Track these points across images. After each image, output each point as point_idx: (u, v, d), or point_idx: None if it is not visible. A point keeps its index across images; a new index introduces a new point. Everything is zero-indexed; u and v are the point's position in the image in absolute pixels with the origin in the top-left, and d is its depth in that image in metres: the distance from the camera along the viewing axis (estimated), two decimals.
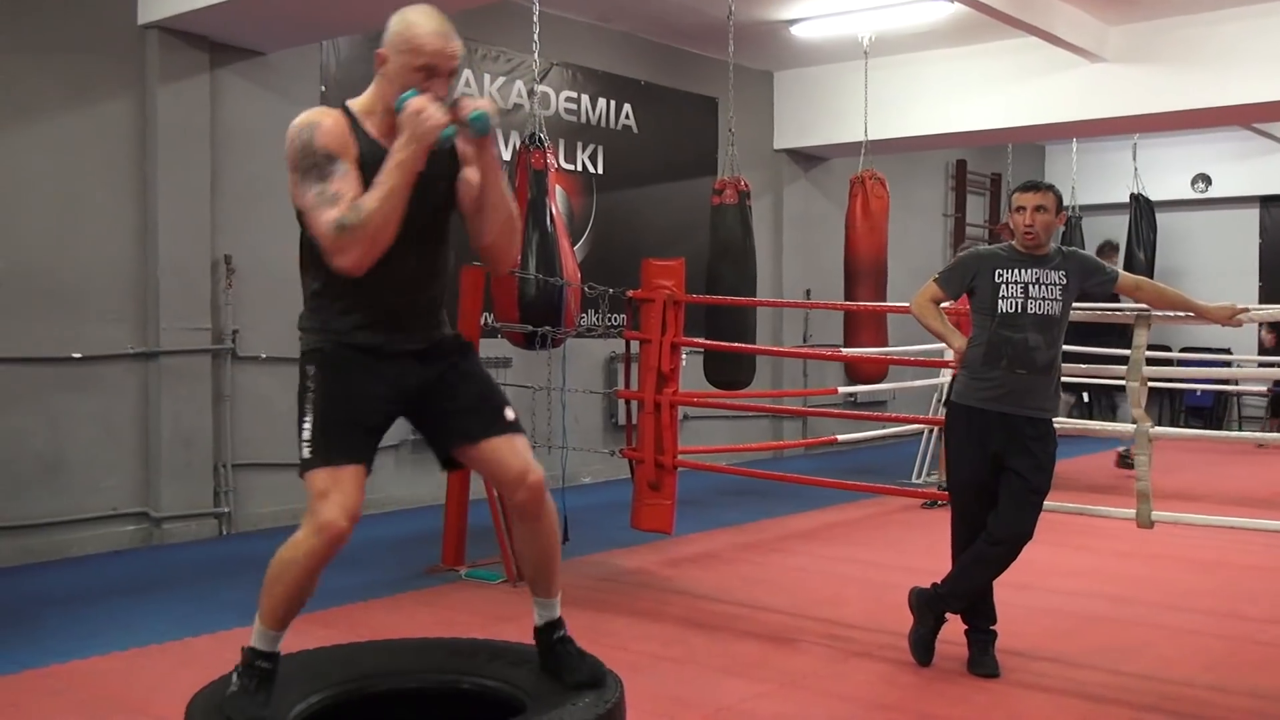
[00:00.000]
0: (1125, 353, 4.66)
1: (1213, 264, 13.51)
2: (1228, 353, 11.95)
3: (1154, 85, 8.58)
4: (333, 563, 3.11)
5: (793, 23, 8.95)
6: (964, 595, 4.15)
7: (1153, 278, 10.20)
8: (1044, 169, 14.56)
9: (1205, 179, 13.68)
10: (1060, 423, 4.36)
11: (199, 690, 3.10)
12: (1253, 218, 13.74)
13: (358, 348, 3.03)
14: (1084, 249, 7.27)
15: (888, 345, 9.07)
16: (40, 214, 6.09)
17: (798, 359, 10.71)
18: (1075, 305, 4.19)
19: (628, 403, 5.91)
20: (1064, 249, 4.16)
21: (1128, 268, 11.83)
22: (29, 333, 6.03)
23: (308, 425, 2.99)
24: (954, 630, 4.23)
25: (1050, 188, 4.11)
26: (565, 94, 8.81)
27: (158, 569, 5.95)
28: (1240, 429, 13.17)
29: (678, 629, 4.71)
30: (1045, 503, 4.08)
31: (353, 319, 3.03)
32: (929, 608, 4.21)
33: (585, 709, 2.93)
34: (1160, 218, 13.02)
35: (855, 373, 9.06)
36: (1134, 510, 4.61)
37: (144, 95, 6.46)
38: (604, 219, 9.05)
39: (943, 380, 8.64)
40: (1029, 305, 4.01)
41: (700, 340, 6.98)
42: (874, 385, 9.40)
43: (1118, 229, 12.91)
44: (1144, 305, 4.44)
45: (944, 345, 4.50)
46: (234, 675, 3.06)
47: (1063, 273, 4.06)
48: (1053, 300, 4.02)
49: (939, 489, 6.75)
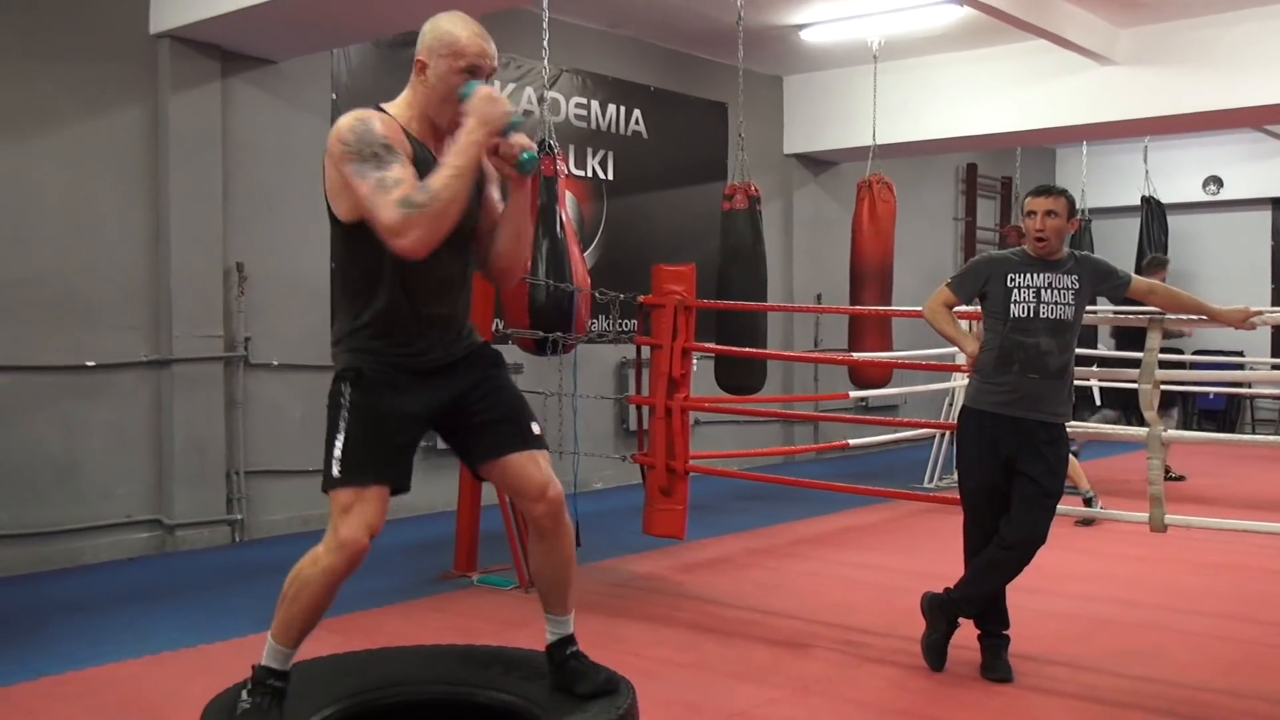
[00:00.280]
0: (1138, 355, 4.64)
1: (1225, 266, 13.46)
2: (1240, 355, 11.92)
3: (1164, 87, 8.56)
4: None
5: (802, 27, 8.95)
6: (977, 600, 4.15)
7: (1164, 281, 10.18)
8: (1054, 172, 14.53)
9: (1217, 181, 13.63)
10: (1073, 427, 4.35)
11: (213, 697, 3.11)
12: (1265, 220, 13.70)
13: (395, 365, 3.03)
14: (1095, 253, 7.24)
15: (892, 349, 9.06)
16: (53, 223, 6.12)
17: (809, 364, 10.70)
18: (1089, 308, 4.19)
19: (639, 408, 5.92)
20: (1076, 253, 4.16)
21: (1139, 271, 11.83)
22: (43, 341, 6.06)
23: (339, 444, 2.98)
24: (967, 635, 4.23)
25: (1062, 192, 4.11)
26: (575, 100, 8.83)
27: (171, 576, 5.97)
28: (1253, 432, 13.13)
29: (690, 634, 4.71)
30: (1058, 506, 4.08)
31: (390, 332, 3.03)
32: (941, 612, 4.21)
33: (598, 715, 2.94)
34: (1172, 220, 12.97)
35: (860, 377, 9.06)
36: (1147, 514, 4.60)
37: (156, 104, 6.49)
38: (614, 225, 9.06)
39: (954, 384, 8.65)
40: (1041, 310, 4.00)
41: (711, 345, 6.98)
42: (885, 390, 9.39)
43: (1129, 232, 12.88)
44: (1157, 308, 4.43)
45: (955, 349, 4.50)
46: (243, 692, 3.06)
47: (1075, 277, 4.05)
48: (1065, 305, 4.02)
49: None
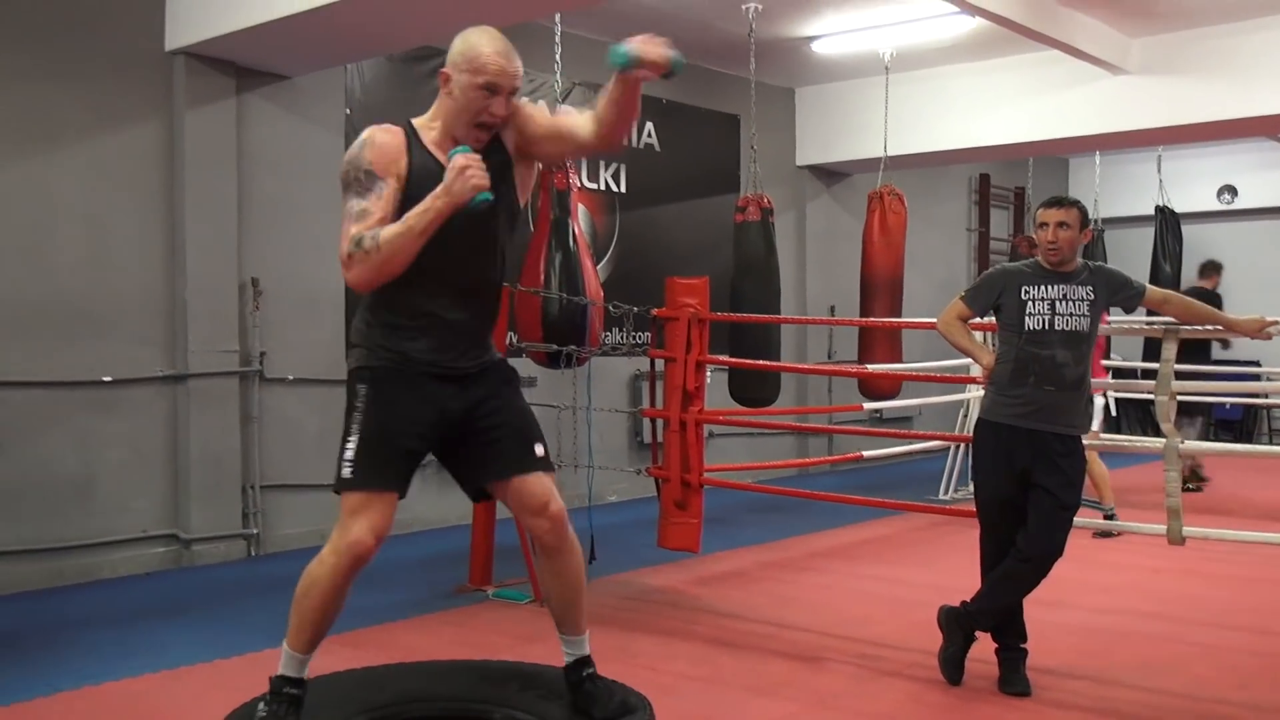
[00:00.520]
0: (1154, 366, 4.63)
1: (1240, 276, 13.36)
2: (1257, 365, 11.85)
3: (1177, 97, 8.54)
4: (361, 583, 3.13)
5: (814, 40, 8.96)
6: (994, 613, 4.13)
7: (1179, 291, 10.16)
8: (1067, 182, 14.50)
9: (1231, 190, 13.58)
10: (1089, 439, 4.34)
11: (230, 712, 3.12)
12: None
13: (408, 368, 3.05)
14: (1108, 263, 7.22)
15: (902, 361, 9.05)
16: (70, 238, 6.15)
17: (823, 375, 10.69)
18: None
19: (653, 421, 5.92)
20: (1090, 264, 4.15)
21: (1153, 281, 11.79)
22: (60, 356, 6.09)
23: (351, 445, 3.01)
24: (984, 648, 4.21)
25: (1074, 203, 4.09)
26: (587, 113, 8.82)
27: (187, 590, 5.98)
28: (1270, 442, 13.05)
29: (705, 648, 4.69)
30: (1075, 519, 4.06)
31: (401, 338, 3.05)
32: (958, 626, 4.19)
33: None
34: (1186, 230, 12.92)
35: (870, 388, 9.04)
36: (1164, 526, 4.58)
37: (171, 120, 6.52)
38: (627, 237, 9.06)
39: (969, 396, 8.62)
40: (1056, 322, 3.99)
41: (725, 358, 6.98)
42: (899, 401, 9.37)
43: (1143, 242, 12.84)
44: (1172, 319, 4.42)
45: (970, 361, 4.49)
46: (260, 703, 3.07)
47: (1090, 288, 4.04)
48: (1080, 316, 4.01)
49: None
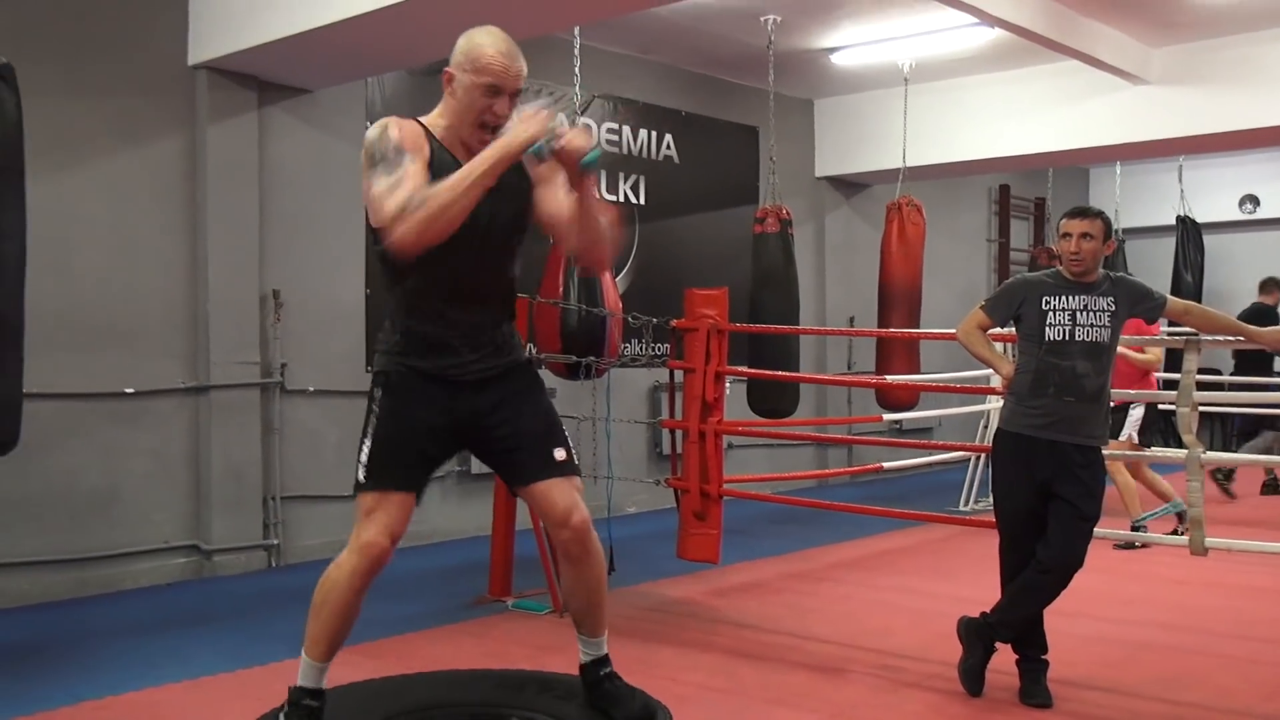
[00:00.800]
0: (1175, 377, 4.61)
1: None
2: None
3: (1198, 107, 8.51)
4: (381, 594, 3.15)
5: (833, 51, 8.97)
6: (1014, 624, 4.11)
7: (1200, 301, 10.11)
8: (1088, 192, 14.44)
9: (1253, 200, 13.49)
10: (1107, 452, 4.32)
11: None
12: None
13: (425, 373, 3.07)
14: (1129, 273, 7.19)
15: (920, 372, 9.02)
16: (93, 252, 6.20)
17: (842, 386, 10.67)
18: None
19: (672, 432, 5.92)
20: (1111, 275, 4.13)
21: (1175, 291, 11.74)
22: (83, 368, 6.13)
23: (365, 448, 3.04)
24: (1005, 660, 4.19)
25: (1098, 214, 4.07)
26: (607, 125, 8.87)
27: (209, 601, 6.01)
28: None
29: (725, 659, 4.69)
30: (1096, 530, 4.05)
31: (417, 339, 3.08)
32: (979, 637, 4.18)
33: None
34: (1207, 240, 12.87)
35: (887, 399, 9.02)
36: (1187, 537, 4.56)
37: (194, 134, 6.57)
38: (646, 249, 9.08)
39: (989, 407, 8.59)
40: (1077, 332, 3.98)
41: (744, 369, 6.98)
42: (919, 412, 9.35)
43: (1164, 252, 12.78)
44: (1193, 330, 4.40)
45: (989, 371, 4.47)
46: (280, 715, 3.08)
47: (1111, 299, 4.03)
48: (1101, 327, 3.99)
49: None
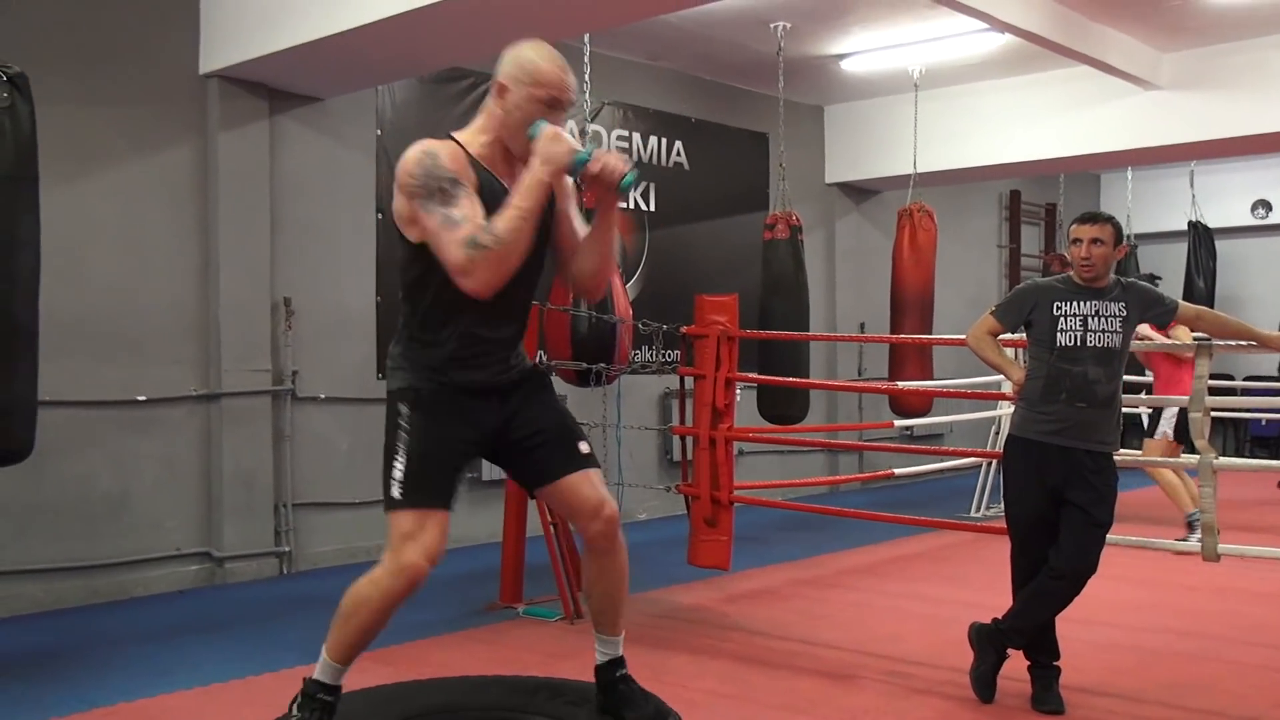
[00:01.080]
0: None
1: (1275, 291, 13.27)
2: None
3: (1210, 112, 8.50)
4: None
5: (842, 58, 8.97)
6: (1026, 630, 4.10)
7: (1213, 306, 10.07)
8: (1099, 198, 14.42)
9: (1265, 205, 13.45)
10: (1121, 455, 4.30)
11: None
12: None
13: (452, 386, 3.07)
14: (1141, 279, 7.17)
15: (933, 378, 9.00)
16: (105, 260, 6.23)
17: (853, 393, 10.66)
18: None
19: (683, 439, 5.91)
20: (1123, 280, 4.12)
21: (1187, 296, 11.70)
22: (95, 376, 6.15)
23: (399, 465, 3.01)
24: (1016, 666, 4.18)
25: (1109, 220, 4.06)
26: (617, 132, 8.88)
27: (220, 608, 6.02)
28: None
29: (736, 666, 4.68)
30: (1108, 536, 4.03)
31: (446, 355, 3.07)
32: (990, 643, 4.16)
33: None
34: (1220, 245, 12.84)
35: (901, 405, 9.01)
36: (1199, 543, 4.54)
37: (205, 142, 6.60)
38: (657, 256, 9.08)
39: (1000, 413, 8.57)
40: (1088, 338, 3.97)
41: (754, 375, 6.97)
42: (930, 418, 9.33)
43: (1176, 257, 12.75)
44: (1206, 335, 4.39)
45: (1001, 377, 4.46)
46: (293, 707, 3.08)
47: (1122, 304, 4.02)
48: (1112, 332, 3.98)
49: None
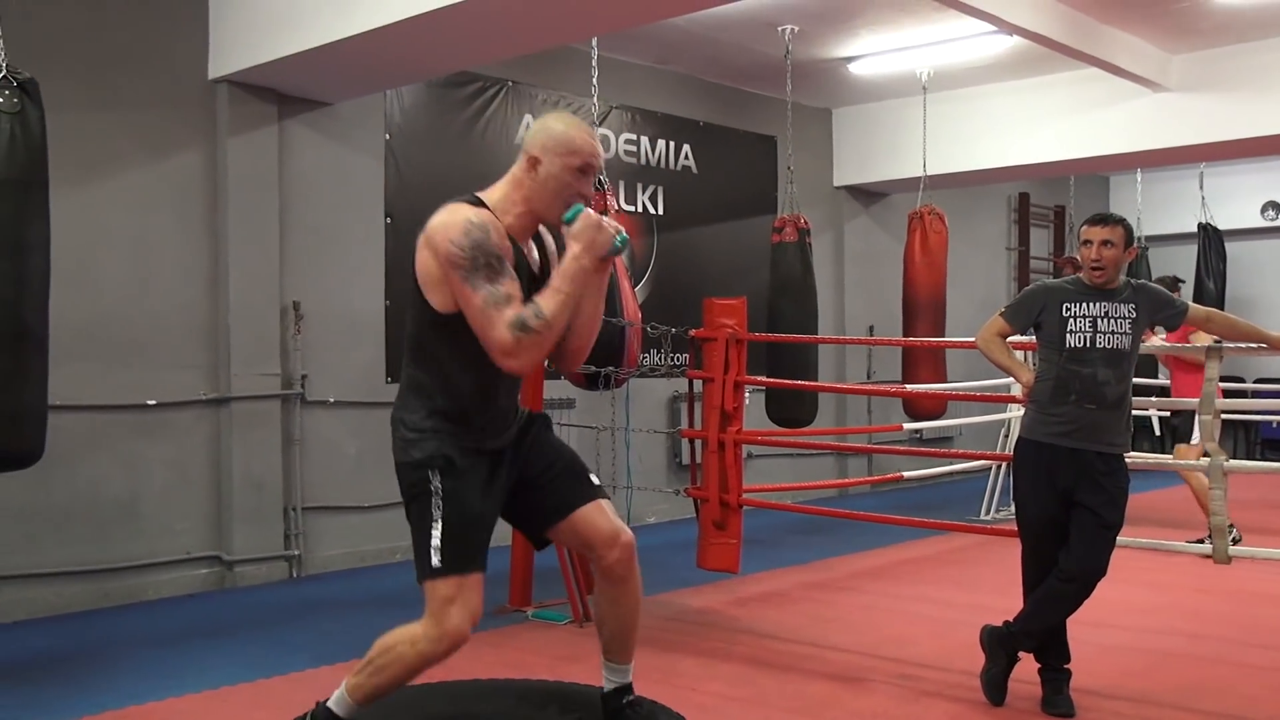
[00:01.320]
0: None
1: None
2: None
3: (1219, 113, 8.48)
4: (401, 604, 3.15)
5: (850, 60, 8.96)
6: (1037, 633, 4.09)
7: (1223, 309, 10.06)
8: (1108, 200, 14.39)
9: (1276, 207, 13.41)
10: (1132, 457, 4.29)
11: None
12: None
13: (476, 450, 3.09)
14: (1164, 282, 7.16)
15: (946, 380, 8.99)
16: (115, 265, 6.24)
17: (862, 396, 10.65)
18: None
19: (691, 442, 5.91)
20: (1133, 282, 4.11)
21: (1197, 299, 11.67)
22: (105, 381, 6.16)
23: (437, 533, 3.01)
24: (1027, 669, 4.17)
25: (1120, 222, 4.05)
26: (625, 136, 8.89)
27: (230, 611, 6.03)
28: None
29: (746, 669, 4.68)
30: (1119, 538, 4.02)
31: (472, 419, 3.08)
32: (1001, 646, 4.16)
33: None
34: (1230, 247, 12.80)
35: (915, 408, 9.00)
36: (1210, 545, 4.53)
37: (215, 147, 6.61)
38: (665, 259, 9.09)
39: (1010, 415, 8.56)
40: (1098, 340, 3.96)
41: (763, 378, 6.97)
42: (940, 421, 9.32)
43: (1186, 259, 12.71)
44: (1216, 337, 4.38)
45: (1010, 380, 4.45)
46: None
47: (1132, 306, 4.01)
48: (1122, 334, 3.97)
49: None
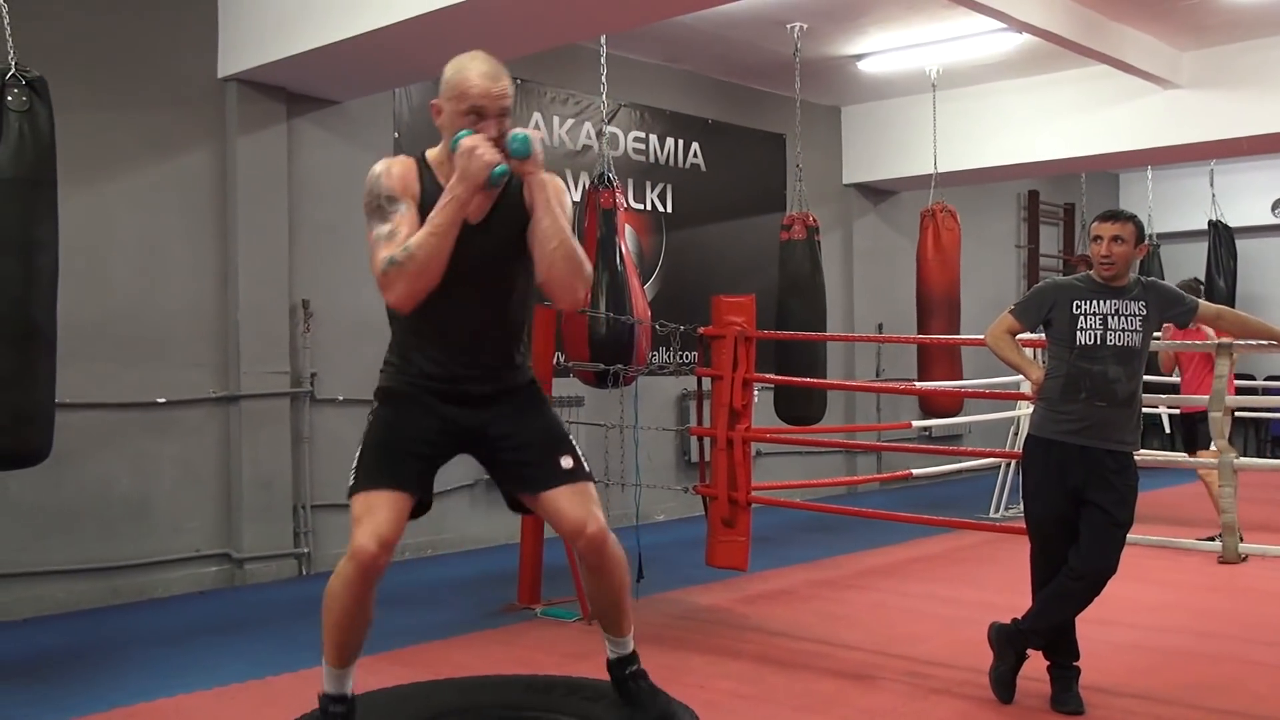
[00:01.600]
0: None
1: None
2: None
3: (1229, 110, 8.45)
4: (409, 601, 3.16)
5: (859, 58, 8.95)
6: (1046, 631, 4.08)
7: (1234, 306, 10.02)
8: (1118, 197, 14.35)
9: None
10: (1142, 455, 4.28)
11: None
12: None
13: (421, 386, 3.13)
14: (1163, 278, 7.13)
15: (962, 378, 8.97)
16: (125, 263, 6.26)
17: (871, 393, 10.64)
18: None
19: (700, 439, 5.91)
20: (1143, 279, 4.10)
21: (1208, 296, 11.63)
22: (115, 378, 6.18)
23: (356, 454, 3.13)
24: (1036, 667, 4.16)
25: (1130, 218, 4.03)
26: (633, 134, 8.89)
27: (240, 609, 6.04)
28: None
29: (755, 666, 4.68)
30: (1128, 536, 4.01)
31: (420, 358, 3.14)
32: (1010, 644, 4.15)
33: None
34: (1240, 244, 12.76)
35: (931, 406, 8.98)
36: (1220, 543, 4.52)
37: (224, 146, 6.63)
38: (674, 257, 9.09)
39: (1019, 413, 8.54)
40: (1108, 337, 3.95)
41: (772, 376, 6.97)
42: (949, 419, 9.31)
43: (1196, 257, 12.68)
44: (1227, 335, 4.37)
45: (1020, 377, 4.44)
46: None
47: (1142, 303, 3.99)
48: (1132, 331, 3.96)
49: None
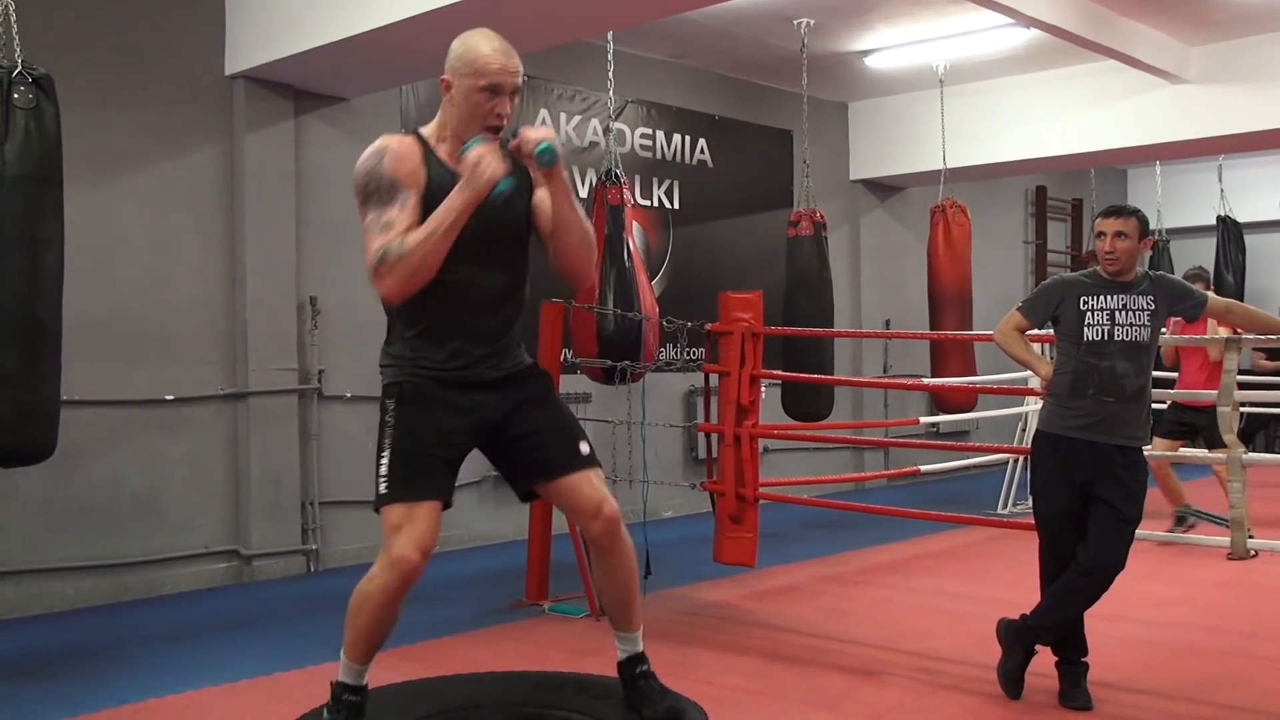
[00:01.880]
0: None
1: None
2: None
3: (1238, 105, 8.43)
4: (418, 597, 3.16)
5: (867, 54, 8.94)
6: (1054, 627, 4.08)
7: (1242, 301, 10.00)
8: (1126, 193, 14.32)
9: None
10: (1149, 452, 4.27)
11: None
12: None
13: (435, 379, 3.08)
14: (1172, 273, 7.12)
15: (975, 374, 8.95)
16: (132, 260, 6.28)
17: (878, 389, 10.62)
18: None
19: (708, 436, 5.91)
20: (1151, 274, 4.09)
21: (1216, 291, 11.60)
22: (123, 376, 6.20)
23: (385, 460, 3.04)
24: (1044, 662, 4.15)
25: (1134, 213, 4.03)
26: (641, 130, 8.89)
27: (248, 605, 6.06)
28: None
29: (762, 662, 4.68)
30: (1137, 531, 4.01)
31: (429, 349, 3.08)
32: (1018, 639, 4.14)
33: None
34: (1249, 239, 12.72)
35: (945, 402, 8.95)
36: (1229, 539, 4.51)
37: (231, 143, 6.64)
38: (681, 253, 9.09)
39: (1028, 409, 8.53)
40: (1116, 332, 3.94)
41: (779, 372, 6.96)
42: (957, 415, 9.29)
43: (1205, 252, 12.65)
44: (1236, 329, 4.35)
45: (1028, 373, 4.44)
46: (324, 711, 3.12)
47: (1150, 298, 3.99)
48: (1140, 326, 3.95)
49: None
